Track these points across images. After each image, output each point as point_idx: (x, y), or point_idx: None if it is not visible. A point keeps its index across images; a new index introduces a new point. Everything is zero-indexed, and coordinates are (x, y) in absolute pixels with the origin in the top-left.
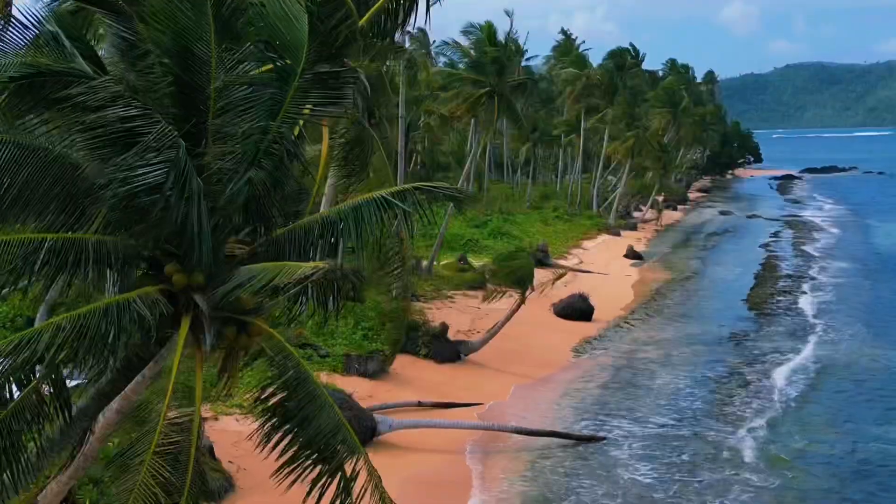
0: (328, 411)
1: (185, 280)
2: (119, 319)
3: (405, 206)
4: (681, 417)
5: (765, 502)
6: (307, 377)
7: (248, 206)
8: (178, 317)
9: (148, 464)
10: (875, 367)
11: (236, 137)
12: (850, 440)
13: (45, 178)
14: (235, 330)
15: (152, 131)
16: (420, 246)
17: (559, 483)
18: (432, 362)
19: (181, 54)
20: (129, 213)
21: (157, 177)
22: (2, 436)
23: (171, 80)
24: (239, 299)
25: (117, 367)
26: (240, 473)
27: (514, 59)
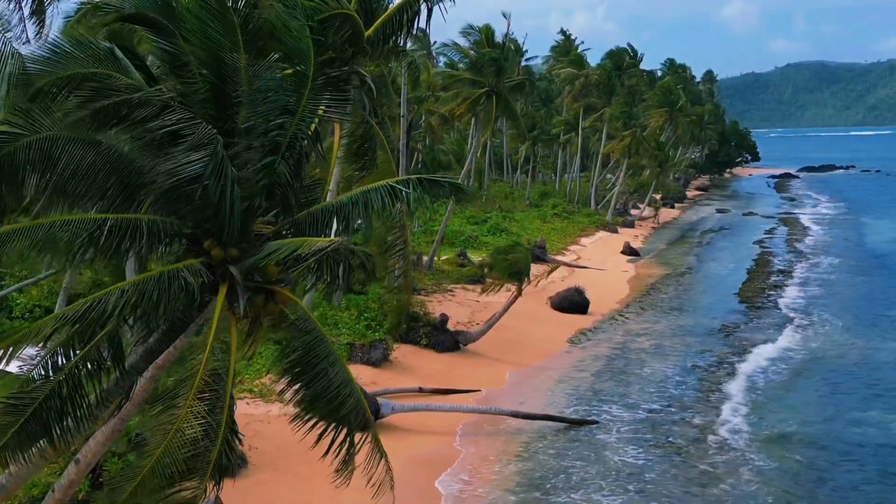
0: (339, 367)
1: (222, 254)
2: (170, 285)
3: (408, 191)
4: (669, 403)
5: (747, 481)
6: (323, 339)
7: (272, 192)
8: (216, 285)
9: (189, 404)
10: (857, 356)
11: (262, 133)
12: (830, 423)
13: (104, 169)
14: (264, 298)
15: (195, 131)
16: (421, 242)
17: (551, 463)
18: (432, 352)
19: (215, 65)
20: (175, 198)
21: (197, 168)
22: (68, 384)
23: (208, 87)
24: (266, 271)
25: (163, 328)
26: (252, 452)
27: (513, 59)
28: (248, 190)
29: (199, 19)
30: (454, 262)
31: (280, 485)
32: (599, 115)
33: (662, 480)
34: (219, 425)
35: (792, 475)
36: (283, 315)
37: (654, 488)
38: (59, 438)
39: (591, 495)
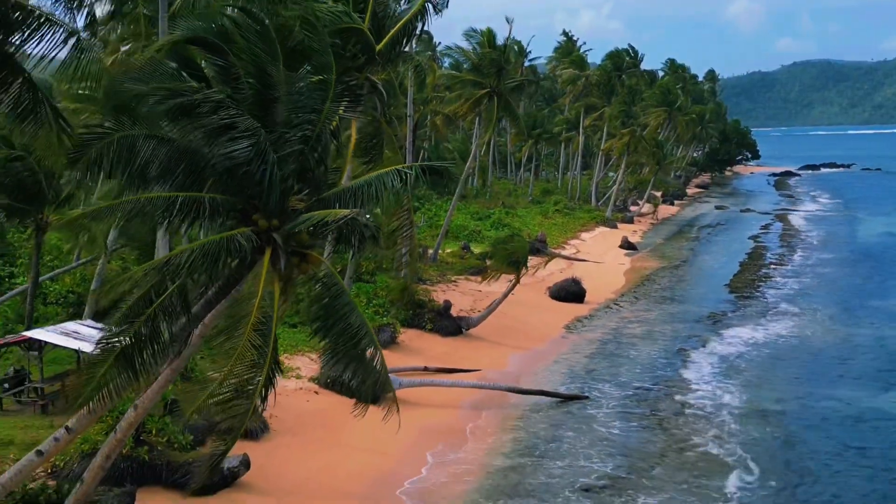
0: (357, 314)
1: (267, 224)
2: (228, 246)
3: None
4: (656, 382)
5: (720, 447)
6: (344, 292)
7: (303, 175)
8: (262, 249)
9: (247, 334)
10: (834, 341)
11: (295, 128)
12: (802, 399)
13: (174, 158)
14: (298, 259)
15: (243, 124)
16: (426, 236)
17: (544, 433)
18: (437, 335)
19: (259, 75)
20: (228, 179)
21: (245, 153)
22: (149, 325)
23: (253, 92)
24: (300, 237)
25: (219, 284)
26: (272, 420)
27: (517, 59)
28: (285, 172)
29: (248, 40)
30: (458, 254)
31: (298, 447)
32: (599, 115)
33: (644, 447)
34: (267, 357)
35: (762, 441)
36: (313, 273)
37: (636, 454)
38: (140, 370)
39: (580, 461)
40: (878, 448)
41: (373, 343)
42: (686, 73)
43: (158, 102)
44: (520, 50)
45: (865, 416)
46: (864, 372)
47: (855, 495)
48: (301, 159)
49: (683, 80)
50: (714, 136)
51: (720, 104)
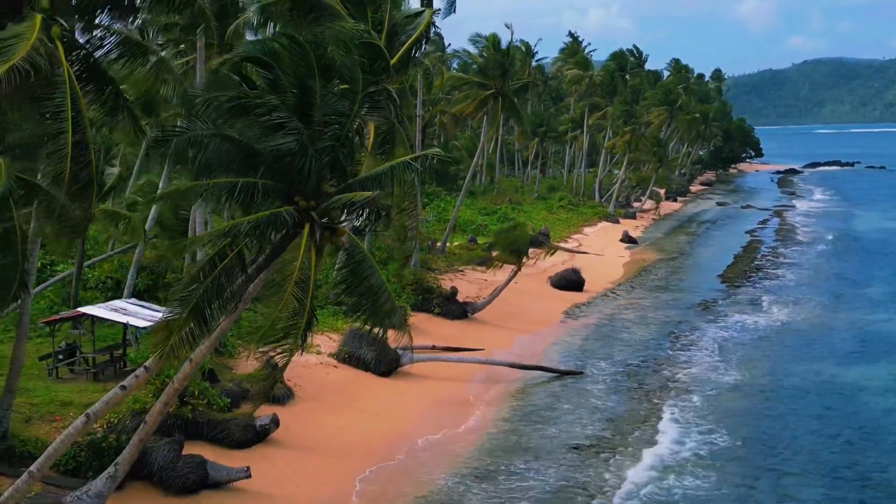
0: (377, 276)
1: (306, 204)
2: (275, 221)
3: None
4: (645, 360)
5: (701, 415)
6: (367, 259)
7: (335, 165)
8: (302, 224)
9: (290, 289)
10: (818, 324)
11: (328, 127)
12: (782, 374)
13: (233, 151)
14: (330, 233)
15: (289, 124)
16: (435, 230)
17: (543, 402)
18: (444, 319)
19: (300, 86)
20: (276, 168)
21: (290, 148)
22: (215, 284)
23: (296, 99)
24: (332, 215)
25: (267, 252)
26: (297, 388)
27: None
28: (320, 163)
29: (292, 59)
30: (465, 247)
31: (320, 411)
32: (603, 114)
33: (630, 414)
34: (306, 307)
35: (740, 408)
36: (342, 244)
37: (623, 420)
38: (209, 319)
39: (572, 426)
40: (842, 414)
41: (391, 300)
42: (689, 73)
43: (224, 105)
44: (527, 50)
45: (833, 388)
46: (837, 351)
47: (813, 455)
48: (333, 153)
49: (686, 80)
50: (718, 135)
51: (725, 103)
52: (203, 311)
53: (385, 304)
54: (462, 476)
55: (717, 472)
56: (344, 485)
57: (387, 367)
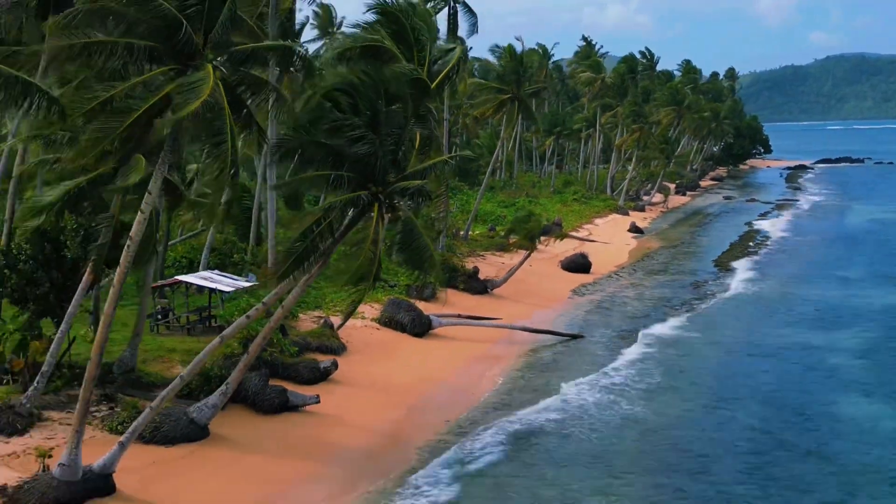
0: (423, 239)
1: (376, 190)
2: (356, 201)
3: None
4: (637, 326)
5: (682, 365)
6: (416, 227)
7: (394, 162)
8: (373, 204)
9: (366, 250)
10: (789, 298)
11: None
12: (753, 336)
13: (326, 153)
14: (391, 211)
15: (365, 135)
16: (458, 220)
17: (549, 358)
18: (467, 293)
19: (371, 108)
20: (356, 164)
21: (366, 151)
22: (314, 241)
23: (369, 118)
24: (392, 197)
25: (347, 223)
26: (348, 343)
27: (541, 62)
28: (385, 161)
29: (366, 89)
30: (485, 235)
31: (367, 361)
32: (614, 113)
33: (624, 367)
34: (374, 260)
35: (716, 363)
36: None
37: (617, 371)
38: (305, 268)
39: (571, 373)
40: (800, 370)
41: (432, 256)
42: (698, 74)
43: (323, 123)
44: (544, 53)
45: (793, 347)
46: (804, 318)
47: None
48: (393, 154)
49: (695, 81)
50: (730, 133)
51: (737, 101)
52: (302, 261)
53: (427, 258)
54: (481, 408)
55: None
56: (391, 412)
57: (421, 329)
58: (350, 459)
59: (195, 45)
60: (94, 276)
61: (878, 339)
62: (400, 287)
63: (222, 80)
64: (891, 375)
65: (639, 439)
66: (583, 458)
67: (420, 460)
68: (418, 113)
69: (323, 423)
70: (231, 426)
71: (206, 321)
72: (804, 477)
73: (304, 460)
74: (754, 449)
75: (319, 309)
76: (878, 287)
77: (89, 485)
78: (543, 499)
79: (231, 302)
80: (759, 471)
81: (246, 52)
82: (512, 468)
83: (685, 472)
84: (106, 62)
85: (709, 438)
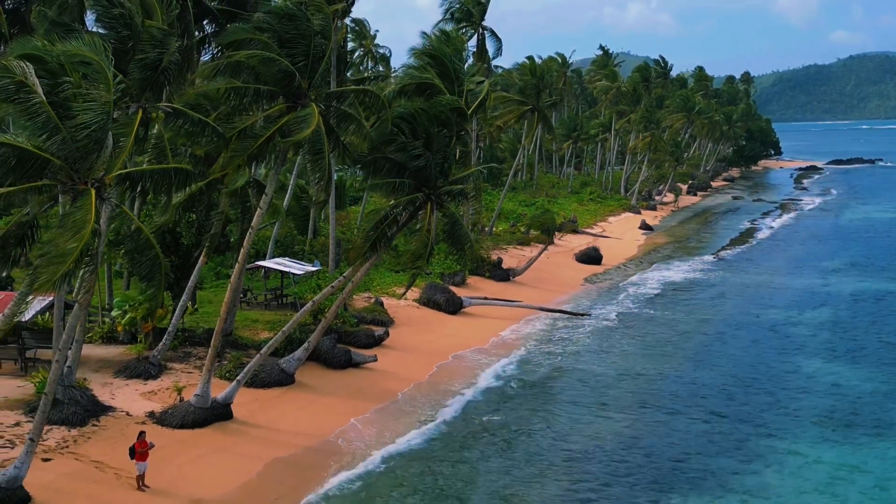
0: (464, 230)
1: (429, 192)
2: (414, 201)
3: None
4: (640, 307)
5: (671, 331)
6: (458, 219)
7: (442, 170)
8: (426, 203)
9: (423, 235)
10: (772, 285)
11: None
12: (729, 312)
13: (392, 166)
14: (441, 207)
15: (423, 152)
16: (484, 217)
17: (559, 332)
18: (492, 280)
19: (426, 133)
20: (415, 172)
21: (422, 164)
22: (383, 232)
23: (424, 139)
24: (441, 198)
25: (405, 217)
26: (395, 317)
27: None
28: (436, 170)
29: (421, 117)
30: (508, 230)
31: (411, 332)
32: (627, 119)
33: (624, 336)
34: (428, 244)
35: (693, 328)
36: (447, 211)
37: (619, 339)
38: (378, 248)
39: (576, 344)
40: (768, 338)
41: (471, 242)
42: (710, 81)
43: (391, 144)
44: (563, 62)
45: (766, 322)
46: (781, 300)
47: (733, 358)
48: (441, 165)
49: (706, 88)
50: (742, 135)
51: (751, 105)
52: (376, 246)
53: (468, 244)
54: (501, 364)
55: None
56: (429, 367)
57: (454, 307)
58: (398, 401)
59: (303, 89)
60: (206, 258)
61: (843, 316)
62: (435, 275)
63: (321, 114)
64: (844, 344)
65: (626, 381)
66: (578, 385)
67: (448, 400)
68: (458, 134)
69: (378, 375)
70: (309, 376)
71: (279, 299)
72: (757, 412)
73: (365, 401)
74: (721, 392)
75: (369, 291)
76: (853, 276)
77: (215, 411)
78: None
79: (301, 284)
80: (723, 406)
81: (336, 93)
82: (514, 406)
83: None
84: (241, 100)
85: (683, 383)
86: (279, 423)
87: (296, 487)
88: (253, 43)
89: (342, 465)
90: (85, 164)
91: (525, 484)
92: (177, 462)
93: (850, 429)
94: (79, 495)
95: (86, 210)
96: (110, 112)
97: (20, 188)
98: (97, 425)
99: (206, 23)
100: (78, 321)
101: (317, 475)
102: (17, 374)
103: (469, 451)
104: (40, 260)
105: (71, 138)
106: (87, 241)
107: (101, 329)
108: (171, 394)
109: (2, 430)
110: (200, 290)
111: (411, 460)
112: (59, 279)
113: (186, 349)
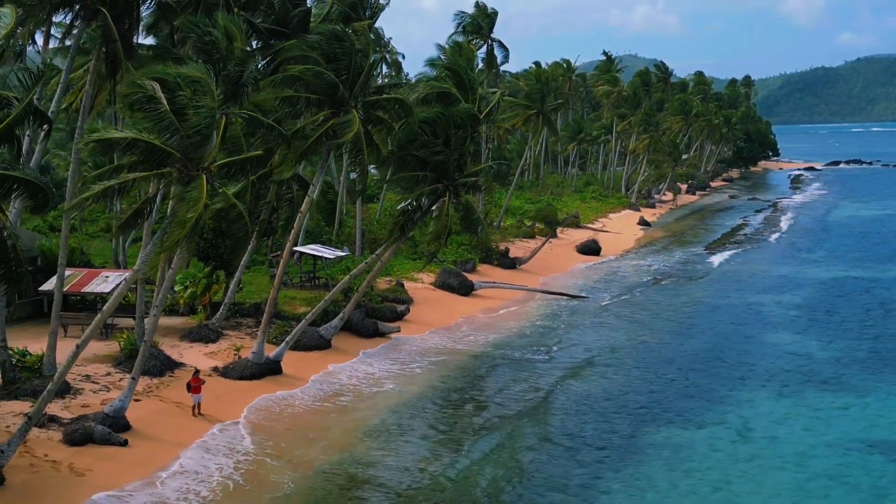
0: (477, 216)
1: (447, 184)
2: (434, 192)
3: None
4: (632, 291)
5: (663, 311)
6: (473, 208)
7: (459, 165)
8: (445, 193)
9: (443, 217)
10: (754, 273)
11: (458, 150)
12: (718, 296)
13: (416, 161)
14: (457, 197)
15: (443, 149)
16: (493, 213)
17: (558, 311)
18: (500, 268)
19: (445, 132)
20: (435, 167)
21: (442, 159)
22: (409, 217)
23: (444, 139)
24: (458, 189)
25: (426, 205)
26: (414, 297)
27: (565, 74)
28: (454, 165)
29: (442, 120)
30: (515, 225)
31: (428, 309)
32: (628, 122)
33: (618, 317)
34: (446, 227)
35: (678, 308)
36: (463, 201)
37: (610, 317)
38: (407, 231)
39: (577, 322)
40: (745, 316)
41: (483, 226)
42: (709, 85)
43: (415, 143)
44: (567, 66)
45: (745, 303)
46: (760, 285)
47: (713, 332)
48: (458, 161)
49: (705, 91)
50: (741, 137)
51: (751, 107)
52: (404, 227)
53: (480, 227)
54: (504, 331)
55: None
56: (444, 338)
57: (465, 290)
58: (420, 363)
59: (346, 98)
60: (256, 241)
61: (815, 298)
62: (448, 262)
63: (361, 119)
64: (811, 320)
65: (615, 348)
66: (572, 350)
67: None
68: (472, 135)
69: (401, 343)
70: (343, 343)
71: (313, 280)
72: (726, 371)
73: (391, 364)
74: (696, 357)
75: (390, 275)
76: (830, 265)
77: (269, 366)
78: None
79: (331, 267)
80: (698, 366)
81: (373, 101)
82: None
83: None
84: (293, 107)
85: (665, 350)
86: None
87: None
88: (307, 59)
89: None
90: (196, 154)
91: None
92: (240, 403)
93: (803, 385)
94: (163, 425)
95: (199, 190)
96: (215, 116)
97: (149, 174)
98: (172, 376)
99: (252, 38)
100: (158, 292)
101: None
102: (98, 338)
103: (472, 377)
104: (166, 224)
105: (186, 136)
106: (200, 212)
107: (165, 302)
108: (230, 353)
109: (97, 377)
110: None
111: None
112: (182, 239)
113: (237, 319)
